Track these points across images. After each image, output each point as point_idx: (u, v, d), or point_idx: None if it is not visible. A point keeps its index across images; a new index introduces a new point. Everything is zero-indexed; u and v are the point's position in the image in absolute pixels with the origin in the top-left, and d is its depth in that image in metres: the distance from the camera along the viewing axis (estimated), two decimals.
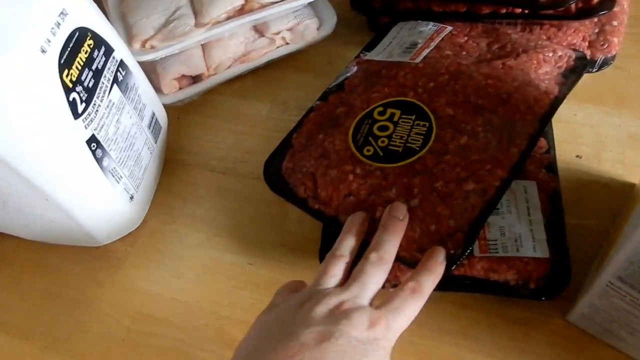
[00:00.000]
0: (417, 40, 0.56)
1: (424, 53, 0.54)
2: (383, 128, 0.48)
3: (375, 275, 0.38)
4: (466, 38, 0.56)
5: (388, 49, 0.57)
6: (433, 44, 0.55)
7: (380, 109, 0.49)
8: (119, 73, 0.49)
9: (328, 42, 0.67)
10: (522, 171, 0.47)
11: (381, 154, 0.46)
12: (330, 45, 0.67)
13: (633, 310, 0.38)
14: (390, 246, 0.40)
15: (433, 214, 0.42)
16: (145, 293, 0.52)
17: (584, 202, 0.50)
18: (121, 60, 0.50)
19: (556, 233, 0.45)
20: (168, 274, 0.53)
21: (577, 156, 0.53)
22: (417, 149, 0.46)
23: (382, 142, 0.47)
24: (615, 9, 0.56)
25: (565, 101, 0.49)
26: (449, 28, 0.57)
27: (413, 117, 0.48)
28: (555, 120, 0.52)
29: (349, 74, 0.56)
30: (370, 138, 0.48)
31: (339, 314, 0.35)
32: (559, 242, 0.45)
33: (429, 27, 0.58)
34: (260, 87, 0.65)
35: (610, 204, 0.50)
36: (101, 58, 0.46)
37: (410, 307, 0.37)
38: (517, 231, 0.44)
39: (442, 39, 0.56)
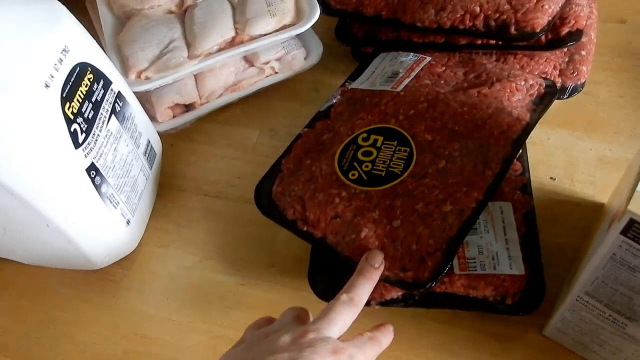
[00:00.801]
0: (398, 70, 0.59)
1: (405, 82, 0.57)
2: (367, 153, 0.51)
3: (343, 314, 0.38)
4: (444, 68, 0.59)
5: (371, 78, 0.60)
6: (413, 74, 0.58)
7: (364, 135, 0.52)
8: (116, 104, 0.51)
9: (314, 70, 0.68)
10: (497, 192, 0.49)
11: (365, 177, 0.49)
12: (316, 73, 0.69)
13: (600, 323, 0.40)
14: (362, 290, 0.40)
15: (414, 233, 0.45)
16: (140, 314, 0.53)
17: (557, 221, 0.53)
18: (119, 92, 0.52)
19: (531, 251, 0.47)
20: (162, 296, 0.54)
21: (551, 178, 0.56)
22: (399, 173, 0.49)
23: (366, 166, 0.50)
24: (584, 39, 0.59)
25: (538, 126, 0.52)
26: (428, 58, 0.60)
27: (395, 143, 0.51)
28: (530, 144, 0.55)
29: (334, 102, 0.59)
30: (355, 163, 0.50)
31: (303, 343, 0.35)
32: (534, 260, 0.47)
33: (409, 58, 0.61)
34: (250, 115, 0.67)
35: (582, 223, 0.52)
36: (100, 90, 0.49)
37: (369, 348, 0.37)
38: (494, 249, 0.47)
39: (422, 69, 0.59)
